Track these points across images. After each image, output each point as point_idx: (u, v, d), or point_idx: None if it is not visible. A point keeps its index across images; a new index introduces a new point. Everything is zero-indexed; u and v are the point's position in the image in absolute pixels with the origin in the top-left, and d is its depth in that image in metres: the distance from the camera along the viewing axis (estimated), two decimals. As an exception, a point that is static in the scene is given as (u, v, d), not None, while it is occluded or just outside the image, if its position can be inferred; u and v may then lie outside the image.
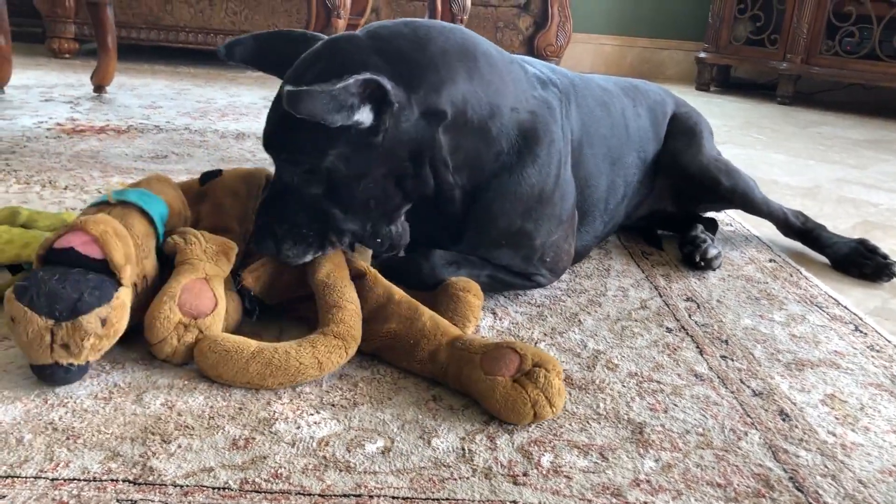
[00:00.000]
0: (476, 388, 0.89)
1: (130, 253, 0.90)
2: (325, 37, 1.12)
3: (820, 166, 2.56)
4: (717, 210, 1.65)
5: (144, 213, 0.99)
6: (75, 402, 0.84)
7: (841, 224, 1.84)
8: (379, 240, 1.07)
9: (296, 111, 0.87)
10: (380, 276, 1.03)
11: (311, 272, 1.00)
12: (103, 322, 0.85)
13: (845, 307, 1.29)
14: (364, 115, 0.94)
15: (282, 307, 1.07)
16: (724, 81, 4.58)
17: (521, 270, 1.20)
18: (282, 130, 1.00)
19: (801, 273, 1.45)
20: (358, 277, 1.03)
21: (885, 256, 1.46)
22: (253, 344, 0.90)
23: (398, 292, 1.02)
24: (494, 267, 1.17)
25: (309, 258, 1.02)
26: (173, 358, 0.91)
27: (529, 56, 1.37)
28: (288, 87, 0.88)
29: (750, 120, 3.44)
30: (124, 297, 0.88)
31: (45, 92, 2.66)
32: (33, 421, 0.80)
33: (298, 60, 1.03)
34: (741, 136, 3.01)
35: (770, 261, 1.51)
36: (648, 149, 1.48)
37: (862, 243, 1.49)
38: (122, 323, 0.88)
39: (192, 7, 3.53)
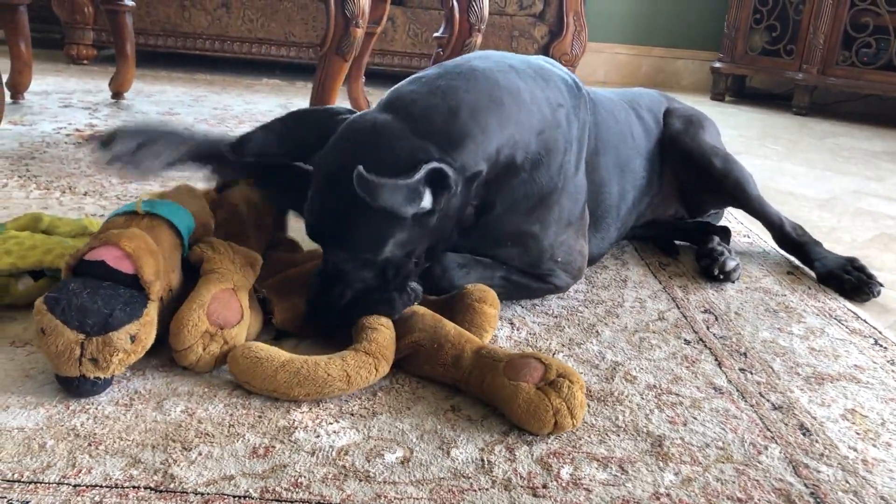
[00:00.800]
0: (499, 394, 0.89)
1: (160, 269, 0.91)
2: (336, 109, 1.12)
3: (837, 178, 2.55)
4: (720, 207, 1.65)
5: (173, 227, 0.99)
6: (97, 409, 0.84)
7: (859, 236, 1.83)
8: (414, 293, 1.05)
9: (375, 202, 0.89)
10: None
11: None
12: (133, 339, 0.86)
13: (864, 321, 1.28)
14: (427, 202, 0.96)
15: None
16: (739, 91, 4.57)
17: (533, 271, 1.19)
18: (335, 221, 0.98)
19: (819, 286, 1.44)
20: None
21: (869, 276, 1.44)
22: (285, 354, 0.91)
23: (420, 308, 1.02)
24: (507, 269, 1.18)
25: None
26: (197, 366, 0.92)
27: None
28: (367, 177, 0.88)
29: (766, 130, 3.43)
30: (153, 314, 0.89)
31: (64, 98, 2.68)
32: (55, 427, 0.80)
33: (333, 152, 1.01)
34: (757, 146, 3.00)
35: (788, 273, 1.51)
36: (652, 150, 1.49)
37: (850, 261, 1.47)
38: (149, 339, 0.89)
39: (209, 15, 3.55)
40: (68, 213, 1.46)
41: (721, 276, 1.41)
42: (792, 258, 1.56)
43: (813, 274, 1.49)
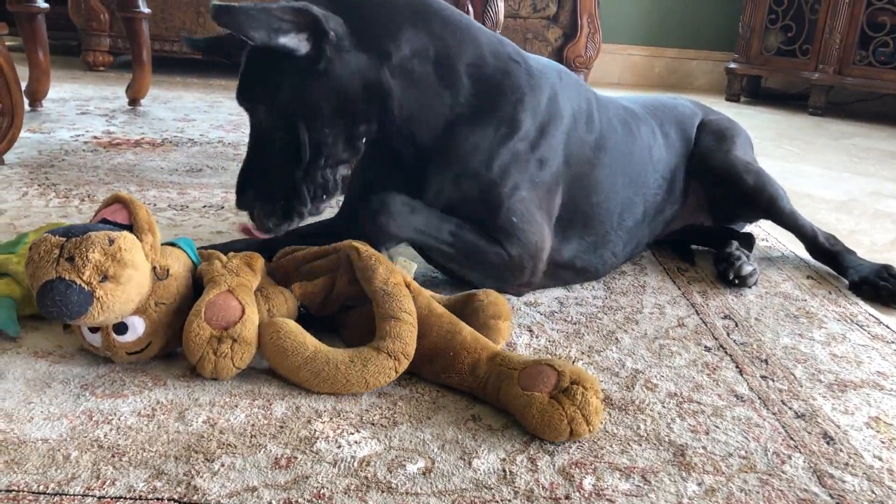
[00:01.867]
0: (513, 404, 0.89)
1: (152, 223, 0.96)
2: None
3: (854, 179, 2.53)
4: (752, 220, 1.64)
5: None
6: (119, 419, 0.85)
7: (879, 239, 1.82)
8: (328, 184, 1.14)
9: (219, 23, 0.96)
10: (423, 289, 1.03)
11: (368, 279, 0.99)
12: (111, 241, 0.89)
13: (886, 326, 1.27)
14: (297, 43, 1.02)
15: (331, 317, 1.08)
16: (754, 92, 4.54)
17: (487, 229, 1.17)
18: (245, 79, 1.10)
19: (839, 290, 1.43)
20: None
21: None
22: (310, 347, 0.93)
23: (438, 306, 1.02)
24: (458, 224, 1.16)
25: (283, 226, 1.13)
26: (219, 373, 0.92)
27: None
28: (214, 3, 0.96)
29: (781, 131, 3.41)
30: (131, 238, 0.92)
31: (82, 105, 2.70)
32: (79, 438, 0.81)
33: None
34: (773, 147, 2.98)
35: (808, 277, 1.49)
36: (675, 165, 1.47)
37: (886, 268, 1.45)
38: (130, 254, 0.90)
39: (224, 20, 3.56)
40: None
41: (736, 281, 1.40)
42: (812, 261, 1.55)
43: (840, 280, 1.48)
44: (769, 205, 1.51)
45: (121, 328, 0.93)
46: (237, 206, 1.16)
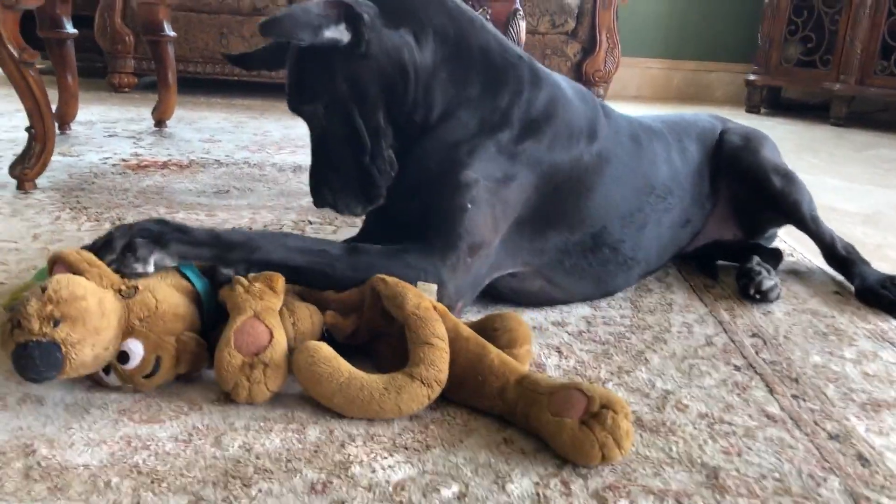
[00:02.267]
0: (544, 430, 0.90)
1: (89, 258, 0.97)
2: None
3: (880, 191, 2.51)
4: (777, 225, 1.64)
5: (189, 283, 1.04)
6: (157, 445, 0.86)
7: (906, 253, 1.80)
8: (394, 162, 1.20)
9: (268, 35, 1.03)
10: (448, 311, 1.04)
11: (399, 306, 1.00)
12: (43, 289, 0.88)
13: (918, 343, 1.26)
14: (339, 33, 1.08)
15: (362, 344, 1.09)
16: (774, 103, 4.53)
17: (434, 223, 1.15)
18: (296, 83, 1.17)
19: (868, 306, 1.42)
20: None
21: None
22: (344, 373, 0.93)
23: (465, 329, 1.02)
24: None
25: (359, 208, 1.20)
26: (254, 399, 0.94)
27: (577, 82, 1.39)
28: (267, 18, 1.02)
29: (803, 143, 3.40)
30: (63, 276, 0.91)
31: (109, 127, 2.74)
32: (119, 464, 0.82)
33: None
34: (795, 160, 2.96)
35: (835, 293, 1.49)
36: (697, 174, 1.49)
37: (890, 278, 1.45)
38: (68, 289, 0.89)
39: (247, 42, 3.61)
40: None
41: (757, 296, 1.40)
42: (838, 276, 1.55)
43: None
44: (793, 208, 1.51)
45: (122, 357, 0.94)
46: (315, 206, 1.22)
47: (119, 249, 0.98)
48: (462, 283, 1.15)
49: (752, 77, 4.37)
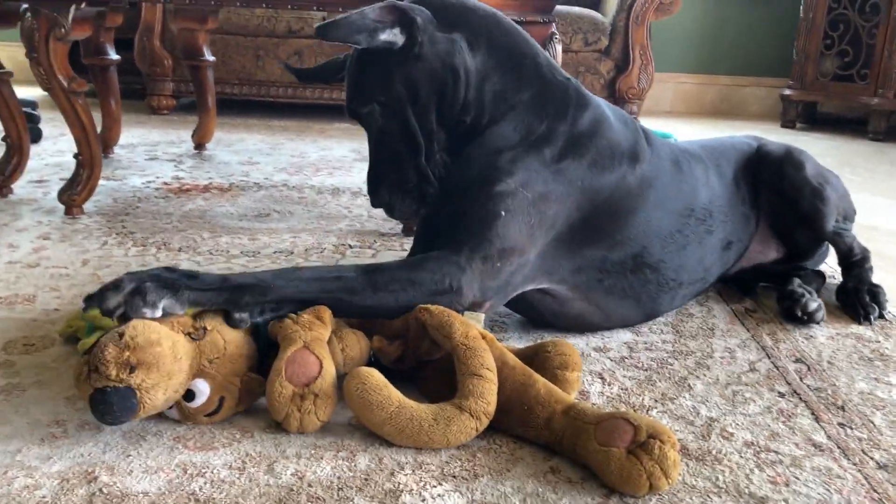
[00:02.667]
0: (591, 459, 0.90)
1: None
2: None
3: (922, 209, 2.48)
4: (811, 238, 1.62)
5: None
6: (212, 472, 0.88)
7: (951, 274, 1.78)
8: (446, 164, 1.25)
9: (326, 38, 1.09)
10: (495, 340, 1.05)
11: (447, 336, 1.01)
12: (120, 335, 0.90)
13: (965, 368, 1.25)
14: (394, 36, 1.14)
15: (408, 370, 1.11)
16: (810, 118, 4.48)
17: (466, 218, 1.18)
18: (355, 87, 1.22)
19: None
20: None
21: (875, 301, 1.47)
22: (395, 401, 0.95)
23: (511, 357, 1.04)
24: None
25: (414, 208, 1.25)
26: (304, 429, 0.96)
27: (610, 100, 1.42)
28: (324, 22, 1.09)
29: (842, 159, 3.36)
30: (140, 322, 0.93)
31: (149, 150, 2.80)
32: (176, 491, 0.84)
33: None
34: (834, 177, 2.93)
35: (878, 317, 1.47)
36: (735, 197, 1.49)
37: (870, 286, 1.51)
38: (144, 335, 0.91)
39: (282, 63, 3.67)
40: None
41: (805, 318, 1.40)
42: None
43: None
44: (817, 226, 1.51)
45: (188, 395, 0.97)
46: (373, 205, 1.27)
47: (127, 292, 0.95)
48: (490, 285, 1.15)
49: (787, 92, 4.33)
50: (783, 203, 1.52)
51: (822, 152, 3.52)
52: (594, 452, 0.90)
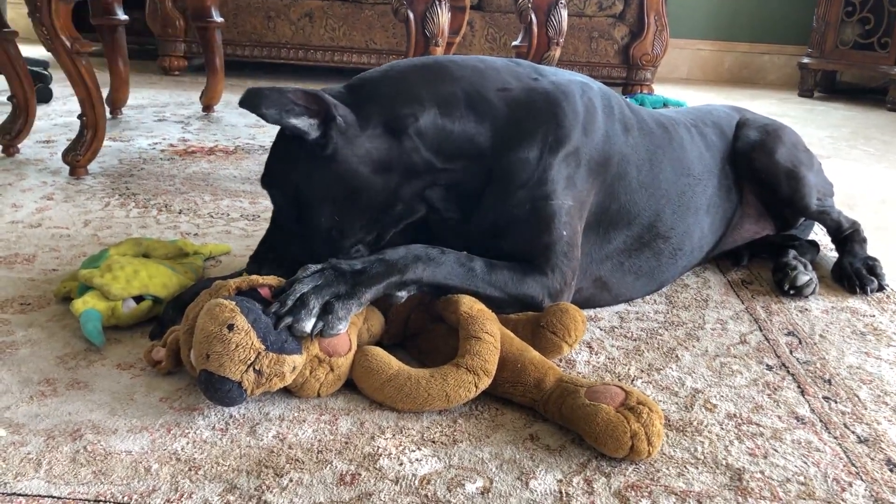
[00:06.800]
0: (577, 414, 0.91)
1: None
2: None
3: (934, 182, 2.44)
4: (797, 220, 1.62)
5: None
6: (195, 433, 0.90)
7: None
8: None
9: (241, 105, 1.02)
10: (495, 316, 1.06)
11: (454, 310, 1.04)
12: (294, 369, 0.94)
13: (959, 344, 1.24)
14: (308, 127, 1.05)
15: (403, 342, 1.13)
16: (828, 87, 4.41)
17: (531, 246, 1.16)
18: (267, 162, 1.15)
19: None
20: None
21: (873, 274, 1.47)
22: (394, 366, 0.98)
23: (508, 333, 1.05)
24: (488, 263, 1.13)
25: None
26: (302, 390, 0.98)
27: (624, 66, 1.40)
28: (247, 92, 1.02)
29: (857, 129, 3.31)
30: (301, 359, 0.96)
31: (158, 111, 2.81)
32: (159, 451, 0.86)
33: None
34: (847, 148, 2.90)
35: (878, 289, 1.46)
36: (720, 161, 1.49)
37: (865, 260, 1.51)
38: (292, 374, 0.95)
39: (293, 25, 3.65)
40: (165, 232, 1.54)
41: (792, 292, 1.39)
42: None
43: (904, 292, 1.45)
44: (801, 207, 1.52)
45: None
46: (246, 271, 1.15)
47: (317, 312, 0.97)
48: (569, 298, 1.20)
49: (806, 60, 4.26)
50: (763, 188, 1.52)
51: (839, 123, 3.47)
52: (581, 407, 0.91)
